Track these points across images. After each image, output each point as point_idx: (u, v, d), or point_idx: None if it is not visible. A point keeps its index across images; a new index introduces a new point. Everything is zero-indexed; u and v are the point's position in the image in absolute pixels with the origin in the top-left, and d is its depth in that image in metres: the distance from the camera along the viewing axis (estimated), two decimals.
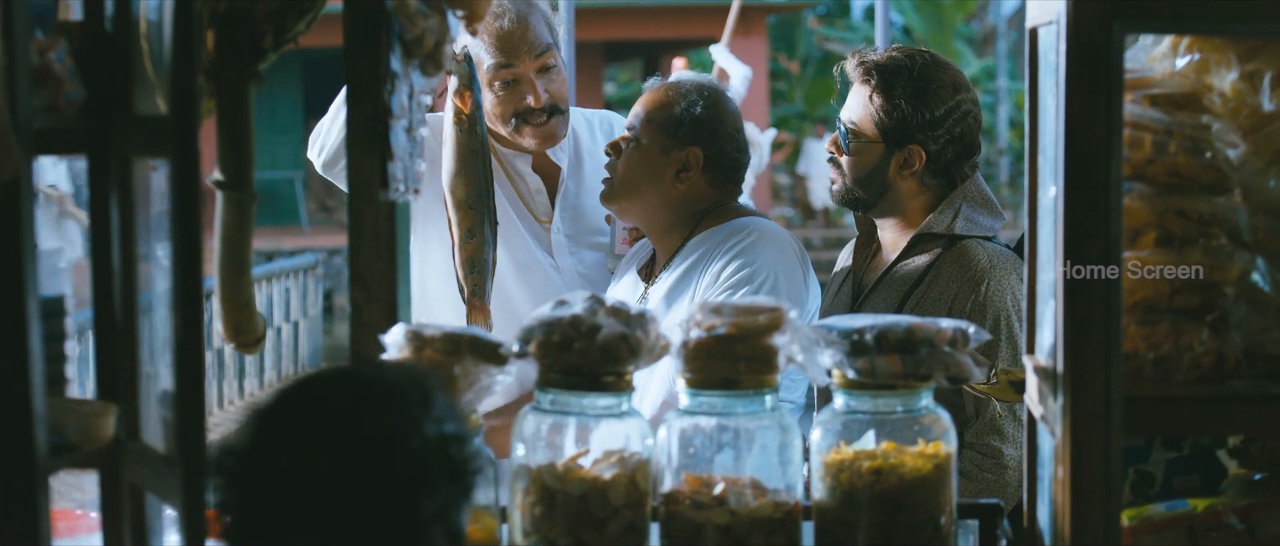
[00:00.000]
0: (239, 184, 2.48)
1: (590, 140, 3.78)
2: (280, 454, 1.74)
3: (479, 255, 3.40)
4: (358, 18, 2.42)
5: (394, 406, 1.77)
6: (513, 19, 3.55)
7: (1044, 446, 2.33)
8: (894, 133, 3.39)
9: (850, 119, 3.44)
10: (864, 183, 3.44)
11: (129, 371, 2.38)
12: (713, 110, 3.41)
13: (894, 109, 3.38)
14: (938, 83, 3.40)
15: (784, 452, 2.39)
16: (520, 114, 3.59)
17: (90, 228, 2.39)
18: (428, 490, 1.75)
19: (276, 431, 1.76)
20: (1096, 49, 2.08)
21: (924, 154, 3.40)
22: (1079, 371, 2.11)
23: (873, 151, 3.42)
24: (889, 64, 3.41)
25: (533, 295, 3.58)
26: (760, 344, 2.34)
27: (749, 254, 3.28)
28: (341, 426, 1.74)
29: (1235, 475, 2.45)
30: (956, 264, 3.35)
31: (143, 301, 2.40)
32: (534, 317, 2.39)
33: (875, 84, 3.40)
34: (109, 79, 2.34)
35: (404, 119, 2.48)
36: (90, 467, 2.39)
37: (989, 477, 3.28)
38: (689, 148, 3.38)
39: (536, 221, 3.70)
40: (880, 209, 3.49)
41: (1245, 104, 2.25)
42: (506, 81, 3.57)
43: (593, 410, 2.37)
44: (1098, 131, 2.08)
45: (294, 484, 1.73)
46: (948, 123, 3.40)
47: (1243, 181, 2.25)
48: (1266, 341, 2.22)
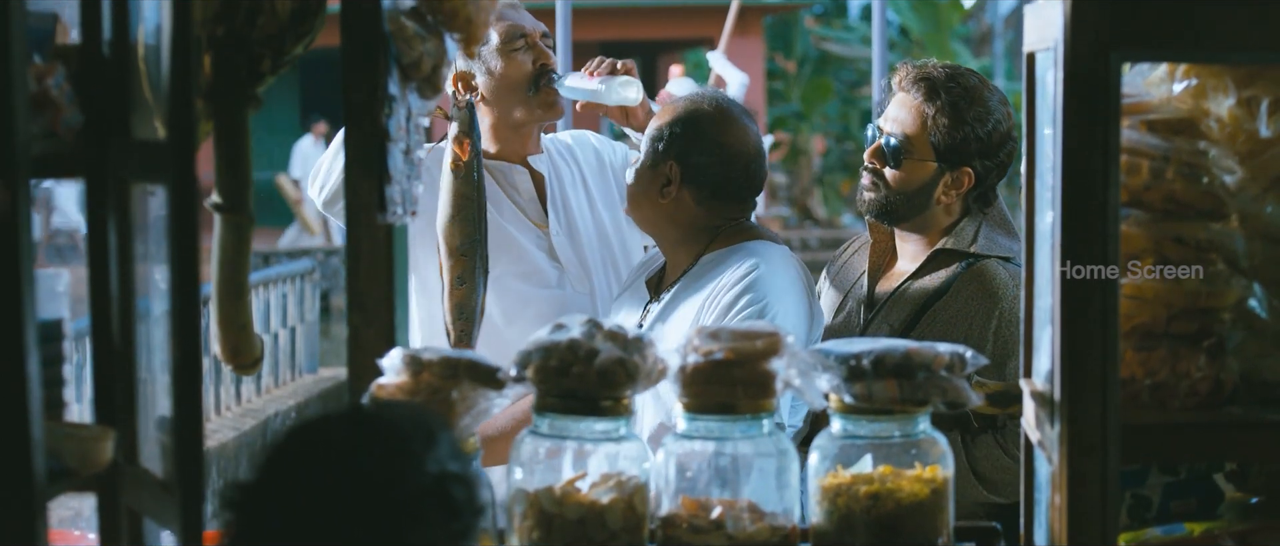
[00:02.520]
0: (237, 207, 2.48)
1: (564, 163, 3.83)
2: (283, 490, 1.76)
3: (468, 301, 3.43)
4: (355, 41, 2.42)
5: (397, 446, 1.78)
6: (505, 6, 3.64)
7: (1041, 472, 2.34)
8: (950, 153, 3.34)
9: (902, 131, 3.36)
10: (908, 198, 3.38)
11: (127, 395, 2.38)
12: (692, 126, 3.35)
13: (956, 129, 3.32)
14: (994, 106, 3.35)
15: (781, 477, 2.39)
16: (536, 74, 3.66)
17: (88, 252, 2.39)
18: (426, 529, 1.76)
19: (281, 468, 1.78)
20: (1094, 78, 2.08)
21: (974, 177, 3.36)
22: (1076, 399, 2.12)
23: (924, 169, 3.36)
24: (952, 83, 3.34)
25: (540, 297, 3.63)
26: (758, 369, 2.35)
27: (757, 289, 3.24)
28: (344, 466, 1.76)
29: (1232, 499, 2.45)
30: (976, 283, 3.31)
31: (140, 325, 2.40)
32: (531, 341, 2.39)
33: (941, 102, 3.32)
34: (107, 103, 2.34)
35: (402, 142, 2.48)
36: (88, 491, 2.39)
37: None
38: (668, 162, 3.37)
39: (535, 226, 3.73)
40: (912, 224, 3.44)
41: (1242, 130, 2.25)
42: (519, 48, 3.64)
43: (590, 434, 2.37)
44: (1095, 160, 2.09)
45: (296, 520, 1.74)
46: (1003, 151, 3.37)
47: (1240, 207, 2.25)
48: (1263, 367, 2.23)
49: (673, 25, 21.43)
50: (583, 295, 3.70)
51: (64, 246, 13.43)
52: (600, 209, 3.80)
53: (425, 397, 2.34)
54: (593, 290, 3.72)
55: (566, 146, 3.88)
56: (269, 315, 9.63)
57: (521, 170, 3.74)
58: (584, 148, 3.90)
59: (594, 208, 3.80)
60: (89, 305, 2.40)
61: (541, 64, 3.67)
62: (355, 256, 2.45)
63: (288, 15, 2.43)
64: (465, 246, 3.40)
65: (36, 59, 2.31)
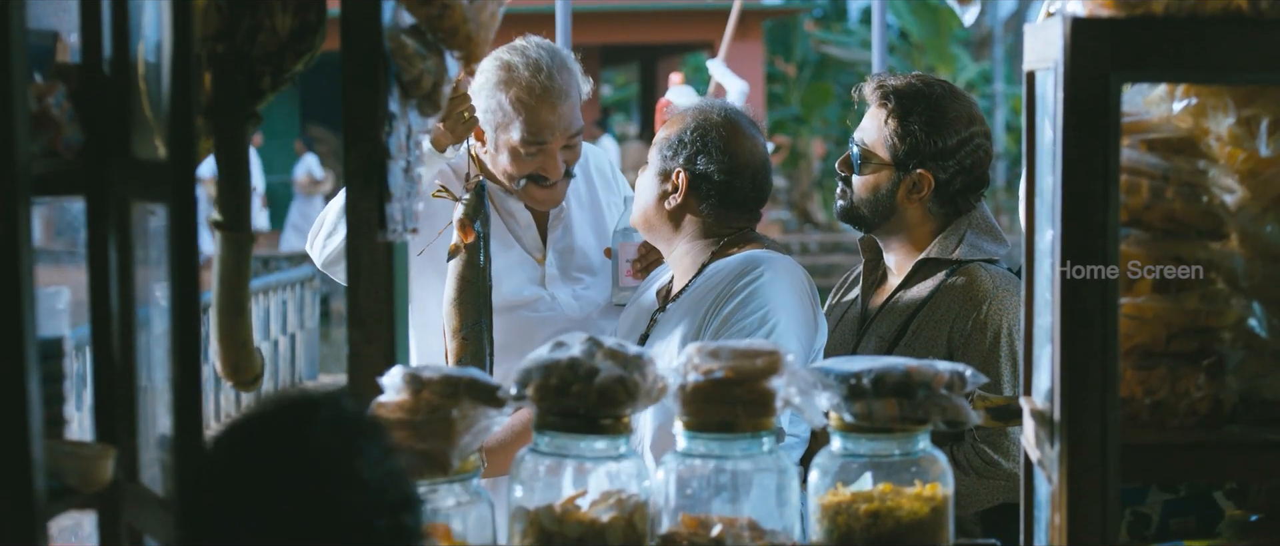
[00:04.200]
0: (237, 224, 2.48)
1: (581, 177, 3.79)
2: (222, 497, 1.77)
3: None
4: (355, 59, 2.42)
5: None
6: (556, 96, 3.51)
7: (1040, 491, 2.34)
8: (905, 157, 3.44)
9: (863, 140, 3.50)
10: (870, 203, 3.50)
11: (128, 413, 2.38)
12: (702, 136, 3.38)
13: (908, 134, 3.43)
14: (953, 113, 3.45)
15: (781, 494, 2.40)
16: (533, 177, 3.59)
17: (89, 270, 2.39)
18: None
19: (221, 472, 1.79)
20: (1094, 99, 2.08)
21: (933, 181, 3.44)
22: (1076, 419, 2.12)
23: (883, 174, 3.47)
24: (907, 90, 3.46)
25: (530, 324, 3.58)
26: (758, 387, 2.35)
27: (760, 297, 3.25)
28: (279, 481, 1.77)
29: (1232, 516, 2.45)
30: (960, 287, 3.40)
31: (141, 341, 2.40)
32: (531, 360, 2.39)
33: (891, 108, 3.45)
34: (107, 122, 2.34)
35: (402, 159, 2.48)
36: (89, 509, 2.39)
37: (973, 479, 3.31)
38: (676, 170, 3.39)
39: (529, 256, 3.70)
40: (884, 230, 3.54)
41: (1242, 149, 2.25)
42: (532, 153, 3.55)
43: (590, 453, 2.37)
44: (1095, 181, 2.09)
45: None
46: (959, 154, 3.45)
47: (1240, 227, 2.25)
48: (1263, 386, 2.23)
49: (672, 29, 21.44)
50: (573, 318, 3.67)
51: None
52: (605, 226, 3.79)
53: (425, 416, 2.34)
54: (583, 318, 3.69)
55: (583, 159, 3.81)
56: (269, 322, 9.63)
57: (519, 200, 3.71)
58: (599, 161, 3.88)
59: (599, 223, 3.79)
60: (90, 323, 2.40)
61: (539, 175, 3.57)
62: (356, 273, 2.45)
63: (288, 33, 2.43)
64: (467, 329, 3.33)
65: (37, 78, 2.32)
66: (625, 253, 3.70)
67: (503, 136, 3.54)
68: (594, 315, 3.70)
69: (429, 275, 3.57)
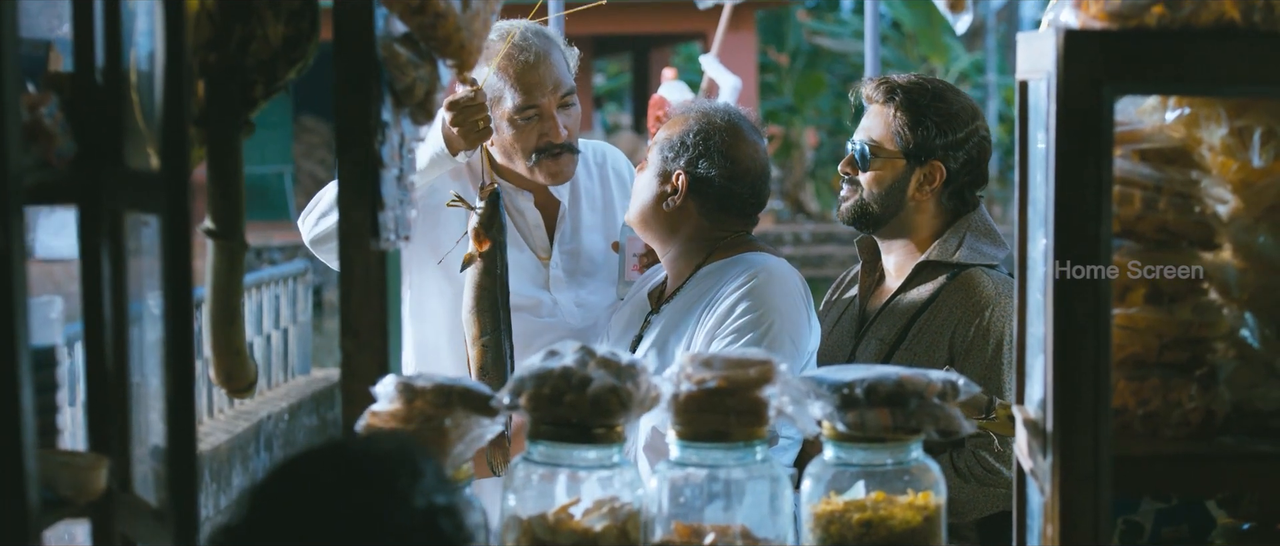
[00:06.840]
0: (230, 233, 2.48)
1: (587, 176, 3.79)
2: (270, 531, 1.75)
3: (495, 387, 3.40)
4: (348, 67, 2.42)
5: (382, 482, 1.77)
6: (536, 55, 3.56)
7: (1033, 501, 2.34)
8: (917, 149, 3.45)
9: (869, 136, 3.49)
10: (882, 198, 3.49)
11: (121, 422, 2.38)
12: (703, 138, 3.39)
13: (918, 125, 3.44)
14: (958, 105, 3.48)
15: (774, 503, 2.40)
16: (540, 149, 3.60)
17: (82, 281, 2.39)
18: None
19: (267, 509, 1.77)
20: (1086, 111, 2.08)
21: (945, 170, 3.45)
22: (1068, 430, 2.12)
23: (894, 167, 3.48)
24: (912, 85, 3.48)
25: (530, 330, 3.58)
26: (751, 396, 2.35)
27: (755, 297, 3.27)
28: (329, 504, 1.75)
29: (1224, 525, 2.46)
30: (961, 292, 3.39)
31: (134, 349, 2.40)
32: (525, 369, 2.39)
33: (899, 101, 3.46)
34: (100, 132, 2.34)
35: (394, 167, 2.48)
36: (83, 519, 2.39)
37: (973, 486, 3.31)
38: (677, 172, 3.39)
39: (535, 256, 3.70)
40: (889, 229, 3.53)
41: (1235, 159, 2.25)
42: (529, 117, 3.57)
43: (583, 462, 2.38)
44: (1087, 193, 2.09)
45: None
46: (967, 145, 3.47)
47: (1232, 237, 2.25)
48: (1255, 397, 2.23)
49: (665, 20, 21.40)
50: (575, 327, 3.67)
51: None
52: (616, 229, 3.79)
53: (418, 425, 2.34)
54: (586, 322, 3.69)
55: (601, 156, 3.84)
56: (262, 317, 9.62)
57: (529, 195, 3.71)
58: (618, 163, 3.88)
59: (610, 226, 3.78)
60: (82, 334, 2.40)
61: (546, 140, 3.60)
62: (348, 282, 2.45)
63: (280, 42, 2.43)
64: (486, 336, 3.36)
65: (30, 88, 2.31)
66: (633, 247, 3.71)
67: (499, 112, 3.57)
68: (596, 325, 3.68)
69: (430, 269, 3.57)
